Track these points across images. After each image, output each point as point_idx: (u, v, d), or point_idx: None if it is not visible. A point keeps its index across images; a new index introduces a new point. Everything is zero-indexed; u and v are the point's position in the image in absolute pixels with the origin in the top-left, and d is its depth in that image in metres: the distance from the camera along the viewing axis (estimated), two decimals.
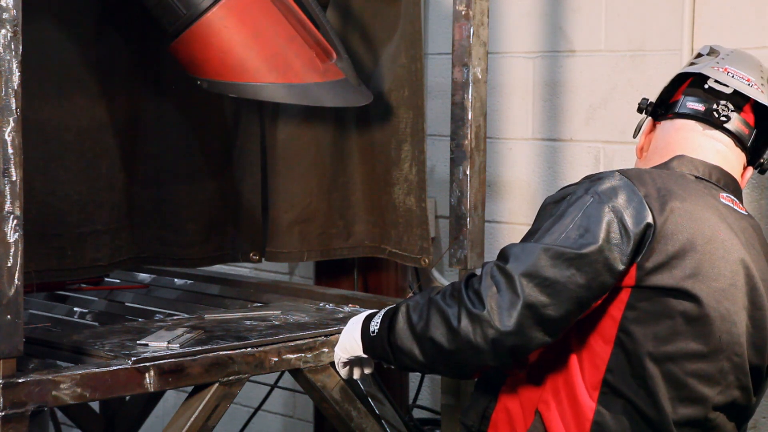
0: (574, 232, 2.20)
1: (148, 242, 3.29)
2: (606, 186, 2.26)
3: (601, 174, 2.31)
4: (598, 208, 2.22)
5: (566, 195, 2.29)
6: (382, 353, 2.38)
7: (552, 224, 2.24)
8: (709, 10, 3.35)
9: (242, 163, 3.38)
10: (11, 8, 2.24)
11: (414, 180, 3.32)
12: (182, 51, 2.94)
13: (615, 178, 2.27)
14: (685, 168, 2.42)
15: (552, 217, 2.25)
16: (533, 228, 2.29)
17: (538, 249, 2.20)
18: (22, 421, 2.32)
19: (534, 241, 2.23)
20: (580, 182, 2.33)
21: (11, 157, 2.26)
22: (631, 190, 2.25)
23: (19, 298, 2.28)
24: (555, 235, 2.21)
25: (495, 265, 2.21)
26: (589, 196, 2.24)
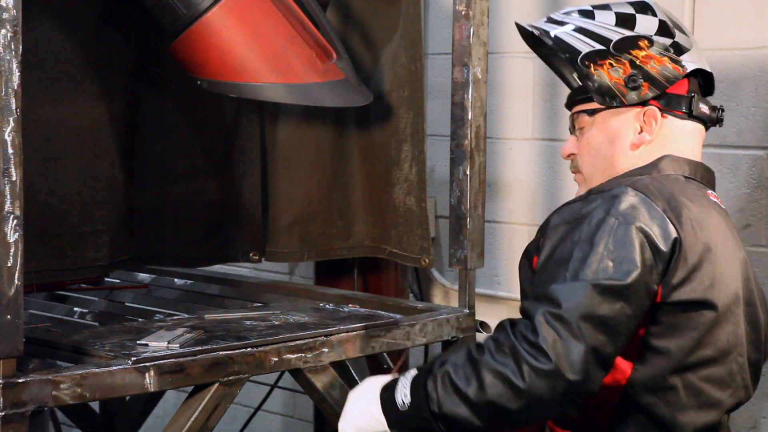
0: (611, 261, 2.14)
1: (148, 242, 3.29)
2: (625, 205, 2.20)
3: (614, 191, 2.24)
4: (627, 231, 2.17)
5: (582, 216, 2.21)
6: (420, 424, 2.22)
7: (584, 254, 2.16)
8: (709, 10, 3.35)
9: (242, 163, 3.38)
10: (11, 8, 2.24)
11: (414, 180, 3.32)
12: (182, 51, 2.94)
13: (630, 194, 2.22)
14: (672, 169, 2.37)
15: (578, 244, 2.18)
16: (558, 255, 2.19)
17: (585, 287, 2.12)
18: (22, 421, 2.31)
19: (571, 275, 2.14)
20: (589, 199, 2.25)
21: (11, 157, 2.26)
22: (650, 206, 2.21)
23: (19, 298, 2.28)
24: (593, 266, 2.14)
25: (546, 312, 2.11)
26: (612, 217, 2.18)
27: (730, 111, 3.33)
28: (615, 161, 2.39)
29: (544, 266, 2.22)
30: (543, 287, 2.16)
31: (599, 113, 2.40)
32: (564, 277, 2.15)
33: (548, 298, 2.13)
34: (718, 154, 3.36)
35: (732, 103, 3.33)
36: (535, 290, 2.20)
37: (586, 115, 2.43)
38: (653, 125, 2.37)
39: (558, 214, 2.29)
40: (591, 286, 2.12)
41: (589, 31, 2.40)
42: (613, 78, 2.35)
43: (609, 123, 2.40)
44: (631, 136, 2.38)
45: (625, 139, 2.38)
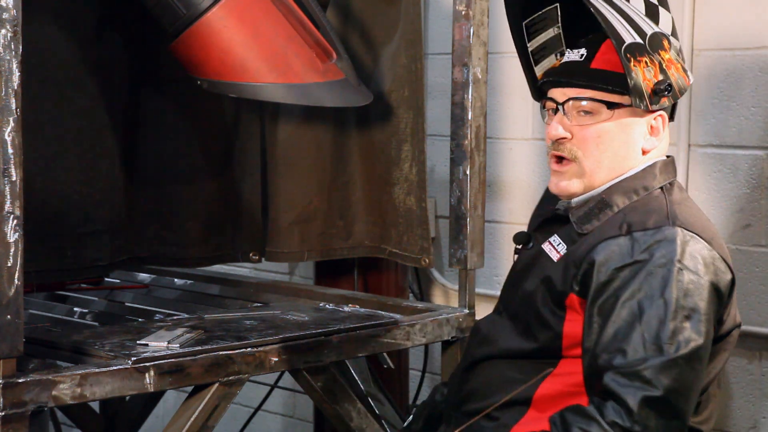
0: (687, 321, 2.15)
1: (148, 242, 3.28)
2: (682, 250, 2.19)
3: (665, 231, 2.21)
4: (694, 281, 2.17)
5: (640, 261, 2.19)
6: None
7: (660, 314, 2.15)
8: (709, 10, 3.35)
9: (242, 163, 3.38)
10: (11, 8, 2.24)
11: (414, 180, 3.32)
12: (182, 51, 2.94)
13: (681, 235, 2.20)
14: (667, 173, 2.37)
15: (649, 300, 2.16)
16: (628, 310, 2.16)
17: (675, 363, 2.13)
18: (22, 421, 2.32)
19: (652, 342, 2.13)
20: (638, 239, 2.21)
21: (11, 157, 2.26)
22: (705, 246, 2.22)
23: (19, 298, 2.28)
24: (674, 332, 2.14)
25: (643, 396, 2.10)
26: (673, 266, 2.17)
27: (730, 111, 3.33)
28: (624, 162, 2.34)
29: (611, 318, 2.18)
30: (627, 361, 2.13)
31: (620, 108, 2.30)
32: (643, 342, 2.14)
33: (639, 377, 2.12)
34: (718, 154, 3.36)
35: (732, 103, 3.33)
36: (613, 357, 2.15)
37: (604, 105, 2.30)
38: (661, 132, 2.36)
39: (602, 252, 2.22)
40: (683, 360, 2.13)
41: (628, 17, 2.26)
42: (646, 79, 2.25)
43: (626, 121, 2.32)
44: (642, 140, 2.34)
45: (637, 142, 2.34)
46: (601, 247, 2.23)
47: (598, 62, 2.30)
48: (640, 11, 2.27)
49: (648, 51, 2.25)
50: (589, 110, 2.30)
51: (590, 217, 2.30)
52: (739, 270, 3.32)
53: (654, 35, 2.26)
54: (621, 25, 2.23)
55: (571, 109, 2.31)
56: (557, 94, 2.33)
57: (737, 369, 3.35)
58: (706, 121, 3.37)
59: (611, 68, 2.28)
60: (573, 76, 2.32)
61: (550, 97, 2.35)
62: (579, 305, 2.25)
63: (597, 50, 2.30)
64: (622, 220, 2.26)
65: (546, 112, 2.38)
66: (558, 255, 2.30)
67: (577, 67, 2.32)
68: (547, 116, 2.37)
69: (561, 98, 2.33)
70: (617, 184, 2.32)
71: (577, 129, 2.31)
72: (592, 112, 2.30)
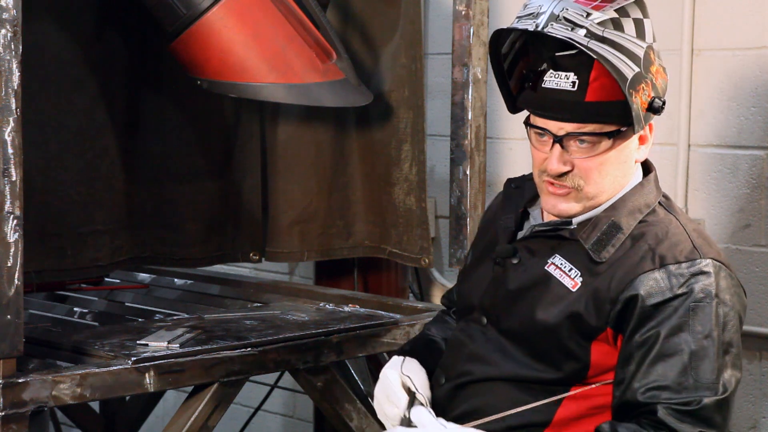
0: (726, 355, 2.19)
1: (148, 242, 3.28)
2: (717, 283, 2.21)
3: (701, 265, 2.22)
4: (728, 314, 2.21)
5: (680, 296, 2.19)
6: None
7: (703, 351, 2.18)
8: (709, 10, 3.35)
9: (242, 163, 3.38)
10: (11, 8, 2.24)
11: (414, 180, 3.32)
12: (182, 51, 2.94)
13: (713, 267, 2.22)
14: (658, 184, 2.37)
15: (692, 335, 2.18)
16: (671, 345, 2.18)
17: (728, 402, 2.17)
18: (22, 421, 2.32)
19: (701, 377, 2.16)
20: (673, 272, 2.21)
21: (11, 157, 2.26)
22: (729, 275, 2.25)
23: (19, 298, 2.28)
24: (716, 364, 2.18)
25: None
26: (712, 300, 2.20)
27: (730, 111, 3.33)
28: (624, 179, 2.31)
29: (654, 353, 2.19)
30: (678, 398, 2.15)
31: (620, 135, 2.25)
32: (691, 379, 2.16)
33: (695, 416, 2.15)
34: (718, 154, 3.36)
35: (732, 103, 3.33)
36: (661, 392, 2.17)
37: (605, 137, 2.24)
38: (649, 138, 2.34)
39: (641, 287, 2.21)
40: (730, 397, 2.18)
41: (624, 48, 2.20)
42: (643, 102, 2.21)
43: (624, 143, 2.27)
44: (635, 153, 2.31)
45: (632, 157, 2.31)
46: (638, 282, 2.22)
47: (592, 93, 2.23)
48: (632, 36, 2.23)
49: (643, 75, 2.22)
50: (590, 142, 2.25)
51: (604, 244, 2.27)
52: (739, 270, 3.32)
53: (645, 55, 2.23)
54: (621, 62, 2.19)
55: (570, 143, 2.26)
56: (552, 126, 2.27)
57: None
58: (706, 121, 3.37)
59: (607, 97, 2.22)
60: (570, 112, 2.25)
61: (543, 127, 2.28)
62: (613, 338, 2.24)
63: (588, 76, 2.23)
64: (650, 252, 2.25)
65: (533, 137, 2.32)
66: (574, 283, 2.27)
67: (571, 100, 2.24)
68: (534, 139, 2.31)
69: (557, 130, 2.26)
70: (620, 204, 2.30)
71: (578, 161, 2.27)
72: (593, 143, 2.25)
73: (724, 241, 3.34)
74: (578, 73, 2.23)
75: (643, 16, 2.26)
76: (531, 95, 2.31)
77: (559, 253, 2.30)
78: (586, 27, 2.19)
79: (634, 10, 2.24)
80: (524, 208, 2.42)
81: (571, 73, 2.24)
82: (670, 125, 3.44)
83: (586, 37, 2.18)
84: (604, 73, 2.21)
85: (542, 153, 2.29)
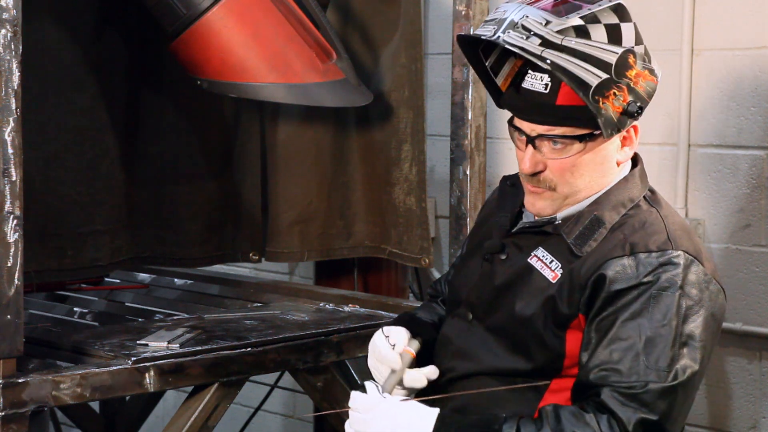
0: (684, 347, 2.18)
1: (147, 242, 3.29)
2: (685, 276, 2.21)
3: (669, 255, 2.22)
4: (693, 308, 2.20)
5: (645, 284, 2.20)
6: None
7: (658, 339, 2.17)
8: (709, 10, 3.35)
9: (242, 163, 3.38)
10: (11, 8, 2.24)
11: (414, 180, 3.32)
12: (182, 51, 2.94)
13: (684, 260, 2.22)
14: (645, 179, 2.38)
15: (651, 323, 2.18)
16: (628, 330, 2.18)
17: (675, 391, 2.16)
18: (22, 421, 2.32)
19: (651, 364, 2.15)
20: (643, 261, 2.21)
21: (11, 157, 2.26)
22: (702, 270, 2.23)
23: (19, 298, 2.29)
24: (670, 353, 2.17)
25: (640, 419, 2.13)
26: (676, 291, 2.19)
27: (730, 111, 3.33)
28: (603, 179, 2.32)
29: (609, 336, 2.19)
30: (625, 382, 2.15)
31: (592, 138, 2.27)
32: (642, 365, 2.16)
33: (638, 400, 2.14)
34: (718, 154, 3.36)
35: (732, 103, 3.33)
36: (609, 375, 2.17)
37: (575, 140, 2.25)
38: (634, 140, 2.35)
39: (607, 271, 2.22)
40: (680, 387, 2.16)
41: (589, 56, 2.20)
42: (615, 108, 2.21)
43: (598, 146, 2.29)
44: (616, 154, 2.33)
45: (612, 158, 2.32)
46: (606, 266, 2.23)
47: (563, 97, 2.24)
48: (602, 42, 2.22)
49: (614, 81, 2.21)
50: (561, 144, 2.27)
51: (586, 238, 2.29)
52: (739, 270, 3.32)
53: (618, 61, 2.22)
54: (583, 71, 2.19)
55: (541, 144, 2.28)
56: (525, 127, 2.29)
57: (737, 369, 3.35)
58: (706, 121, 3.37)
59: (578, 102, 2.22)
60: (540, 114, 2.27)
61: (518, 126, 2.31)
62: (584, 324, 2.26)
63: (560, 80, 2.23)
64: (623, 240, 2.26)
65: (514, 135, 2.34)
66: (554, 275, 2.29)
67: (543, 103, 2.26)
68: (515, 138, 2.33)
69: (530, 132, 2.28)
70: (604, 198, 2.32)
71: (550, 162, 2.28)
72: (565, 144, 2.27)
73: (724, 241, 3.34)
74: (552, 76, 2.24)
75: (620, 21, 2.25)
76: (512, 94, 2.33)
77: (542, 246, 2.32)
78: (542, 35, 2.19)
79: (608, 15, 2.23)
80: (520, 207, 2.43)
81: (546, 75, 2.26)
82: (670, 125, 3.44)
83: (540, 47, 2.18)
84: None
85: (522, 152, 2.32)
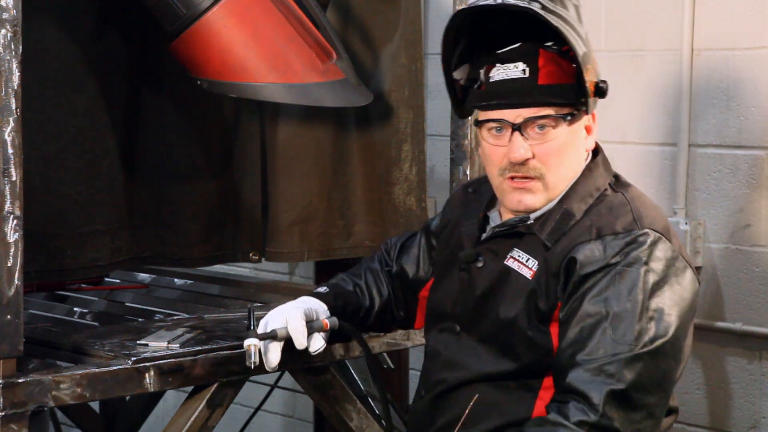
0: (651, 321, 2.18)
1: (147, 242, 3.28)
2: (650, 252, 2.22)
3: (636, 234, 2.23)
4: (659, 283, 2.21)
5: (611, 265, 2.21)
6: None
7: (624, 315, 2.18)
8: (709, 10, 3.35)
9: (242, 163, 3.38)
10: (11, 8, 2.24)
11: (414, 180, 3.32)
12: (182, 51, 2.94)
13: (651, 237, 2.23)
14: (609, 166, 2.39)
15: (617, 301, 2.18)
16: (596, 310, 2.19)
17: (641, 358, 2.16)
18: (22, 421, 2.32)
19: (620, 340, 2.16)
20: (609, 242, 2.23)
21: (11, 157, 2.26)
22: (669, 247, 2.24)
23: (19, 298, 2.29)
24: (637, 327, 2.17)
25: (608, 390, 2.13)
26: (641, 267, 2.20)
27: (730, 111, 3.33)
28: (577, 167, 2.35)
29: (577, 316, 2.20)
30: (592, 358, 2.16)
31: (574, 118, 2.30)
32: (609, 341, 2.16)
33: (603, 372, 2.14)
34: (718, 154, 3.36)
35: (732, 103, 3.33)
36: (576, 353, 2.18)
37: (562, 120, 2.28)
38: (593, 128, 2.37)
39: (578, 254, 2.23)
40: (644, 354, 2.16)
41: (572, 26, 2.24)
42: (591, 82, 2.26)
43: (575, 129, 2.32)
44: (584, 141, 2.36)
45: (582, 144, 2.35)
46: (574, 251, 2.25)
47: (544, 77, 2.27)
48: (575, 18, 2.27)
49: (589, 56, 2.27)
50: (547, 127, 2.28)
51: (558, 232, 2.30)
52: (739, 270, 3.32)
53: (586, 38, 2.28)
54: (572, 37, 2.23)
55: (528, 129, 2.29)
56: (509, 115, 2.29)
57: (737, 369, 3.35)
58: (706, 121, 3.38)
59: (558, 81, 2.27)
60: (526, 96, 2.28)
61: (498, 118, 2.31)
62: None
63: (537, 64, 2.27)
64: (590, 225, 2.27)
65: (487, 134, 2.34)
66: (531, 272, 2.29)
67: (525, 85, 2.28)
68: (489, 136, 2.33)
69: (515, 118, 2.29)
70: (571, 192, 2.33)
71: (538, 148, 2.29)
72: (551, 127, 2.29)
73: (724, 241, 3.34)
74: (526, 62, 2.27)
75: (578, 5, 2.30)
76: (479, 92, 2.34)
77: (517, 247, 2.33)
78: (541, 1, 2.22)
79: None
80: (485, 212, 2.43)
81: (520, 62, 2.28)
82: (670, 125, 3.44)
83: (542, 10, 2.21)
84: (550, 60, 2.27)
85: (500, 148, 2.32)
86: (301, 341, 2.39)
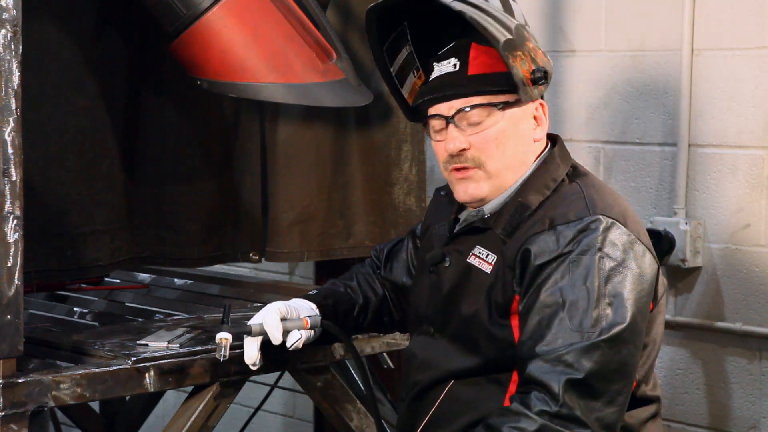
0: (609, 307, 2.19)
1: (147, 242, 3.28)
2: (604, 238, 2.22)
3: (587, 221, 2.24)
4: (614, 268, 2.21)
5: (565, 254, 2.22)
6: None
7: (581, 302, 2.18)
8: (709, 10, 3.35)
9: (242, 163, 3.38)
10: (11, 8, 2.24)
11: (414, 180, 3.32)
12: (182, 51, 2.94)
13: (603, 223, 2.24)
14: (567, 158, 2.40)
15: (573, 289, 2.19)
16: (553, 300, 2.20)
17: (599, 347, 2.16)
18: (22, 421, 2.32)
19: (576, 329, 2.16)
20: (561, 232, 2.24)
21: (11, 157, 2.26)
22: (624, 232, 2.24)
23: (19, 298, 2.29)
24: (594, 314, 2.17)
25: (566, 379, 2.13)
26: (595, 254, 2.21)
27: (730, 111, 3.33)
28: (524, 156, 2.36)
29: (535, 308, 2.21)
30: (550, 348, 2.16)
31: (508, 107, 2.32)
32: (566, 329, 2.17)
33: (562, 362, 2.15)
34: (718, 154, 3.36)
35: (732, 103, 3.33)
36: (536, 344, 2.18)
37: (495, 108, 2.30)
38: (544, 120, 2.39)
39: (532, 246, 2.24)
40: (602, 342, 2.16)
41: (494, 16, 2.27)
42: (524, 71, 2.27)
43: (515, 117, 2.33)
44: (532, 132, 2.37)
45: (529, 134, 2.37)
46: (528, 242, 2.26)
47: (474, 68, 2.31)
48: (498, 9, 2.30)
49: (518, 44, 2.27)
50: (479, 118, 2.31)
51: (513, 225, 2.31)
52: (739, 270, 3.32)
53: (516, 28, 2.29)
54: (492, 26, 2.25)
55: (462, 120, 2.32)
56: (443, 108, 2.33)
57: (737, 369, 3.35)
58: (706, 121, 3.37)
59: (489, 70, 2.30)
60: (455, 87, 2.32)
61: (434, 113, 2.35)
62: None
63: (468, 57, 2.32)
64: (543, 216, 2.29)
65: (431, 131, 2.38)
66: (490, 266, 2.30)
67: (456, 78, 2.32)
68: (434, 133, 2.37)
69: (449, 111, 2.33)
70: (527, 183, 2.35)
71: (474, 137, 2.32)
72: (483, 118, 2.31)
73: (724, 241, 3.34)
74: (458, 57, 2.32)
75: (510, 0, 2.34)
76: (421, 89, 2.40)
77: (479, 244, 2.34)
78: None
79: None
80: (456, 214, 2.45)
81: (452, 58, 2.33)
82: (670, 125, 3.44)
83: (454, 1, 2.26)
84: (482, 52, 2.30)
85: (442, 143, 2.36)
86: (275, 336, 2.43)
